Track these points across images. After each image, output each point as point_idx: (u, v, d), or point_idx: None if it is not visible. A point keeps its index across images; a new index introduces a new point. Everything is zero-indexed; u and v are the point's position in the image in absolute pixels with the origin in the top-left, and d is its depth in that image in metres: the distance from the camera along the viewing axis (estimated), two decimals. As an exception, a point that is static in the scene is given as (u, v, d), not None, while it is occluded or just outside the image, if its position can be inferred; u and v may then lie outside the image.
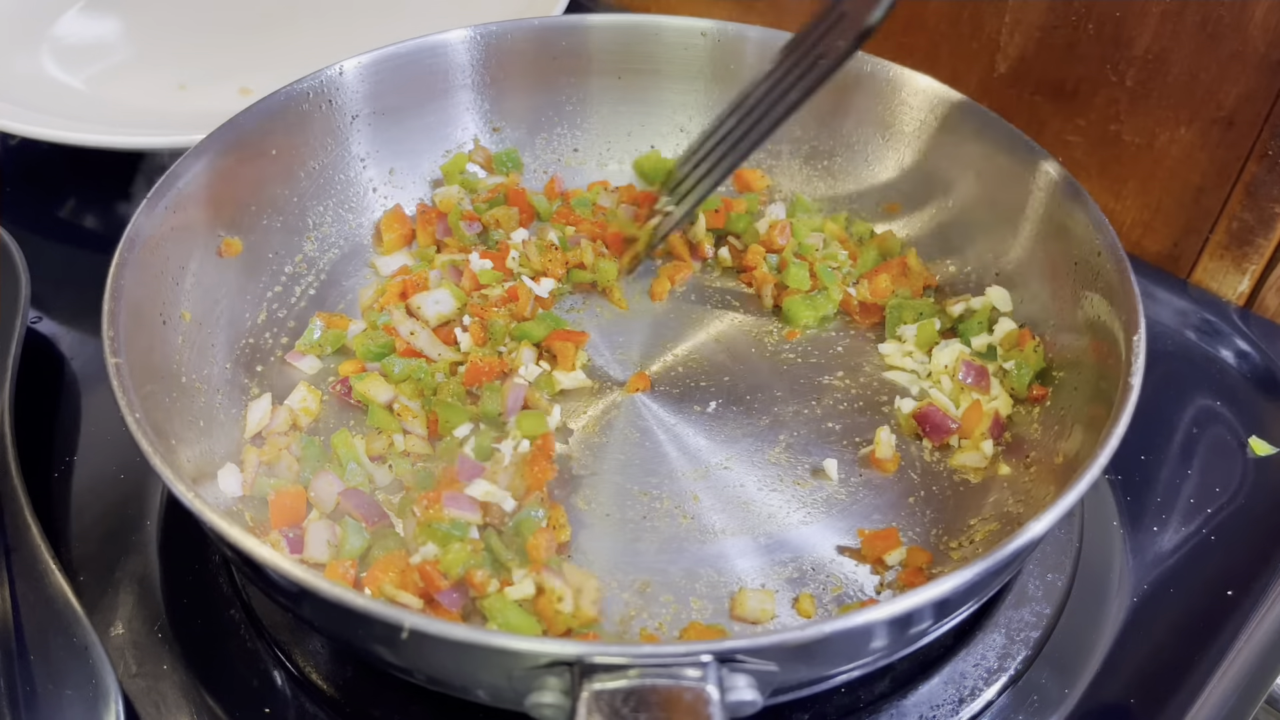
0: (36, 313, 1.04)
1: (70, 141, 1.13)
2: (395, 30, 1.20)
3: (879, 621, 0.61)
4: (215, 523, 0.65)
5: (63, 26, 1.41)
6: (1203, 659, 0.80)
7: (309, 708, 0.75)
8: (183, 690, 0.76)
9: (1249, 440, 0.95)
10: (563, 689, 0.59)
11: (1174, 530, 0.88)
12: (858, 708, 0.76)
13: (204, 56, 1.37)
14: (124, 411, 0.70)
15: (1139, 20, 1.03)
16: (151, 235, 0.84)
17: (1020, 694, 0.77)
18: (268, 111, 0.97)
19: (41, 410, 0.95)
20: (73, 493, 0.89)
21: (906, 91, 1.03)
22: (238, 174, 0.94)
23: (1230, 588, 0.84)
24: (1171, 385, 1.00)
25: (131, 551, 0.84)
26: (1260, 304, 1.09)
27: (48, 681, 0.72)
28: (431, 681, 0.69)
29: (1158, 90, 1.05)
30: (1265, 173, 1.02)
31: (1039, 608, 0.82)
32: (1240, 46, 0.98)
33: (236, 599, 0.81)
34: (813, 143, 1.10)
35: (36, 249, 1.04)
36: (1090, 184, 1.12)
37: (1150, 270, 1.13)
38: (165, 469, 0.67)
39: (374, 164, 1.06)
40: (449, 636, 0.59)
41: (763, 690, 0.59)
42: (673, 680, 0.57)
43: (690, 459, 0.88)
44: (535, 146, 1.13)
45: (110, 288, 0.78)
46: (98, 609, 0.80)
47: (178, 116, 1.26)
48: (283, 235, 0.99)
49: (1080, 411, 0.83)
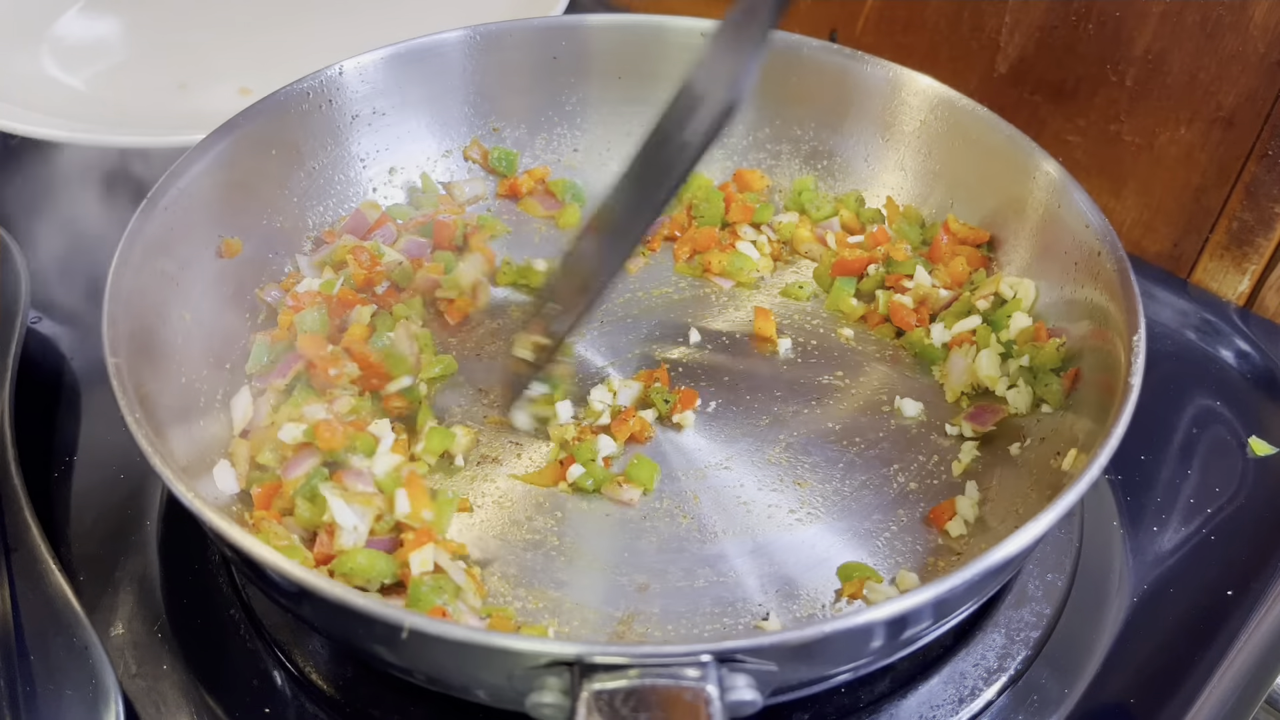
0: (36, 313, 1.04)
1: (70, 141, 1.13)
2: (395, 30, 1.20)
3: (879, 621, 0.61)
4: (215, 522, 0.65)
5: (62, 26, 1.40)
6: (1203, 659, 0.80)
7: (309, 708, 0.75)
8: (183, 690, 0.76)
9: (1249, 440, 0.95)
10: (562, 689, 0.59)
11: (1174, 530, 0.88)
12: (858, 708, 0.76)
13: (204, 56, 1.37)
14: (124, 411, 0.70)
15: (1139, 20, 1.03)
16: (151, 235, 0.84)
17: (1020, 694, 0.77)
18: (267, 111, 0.97)
19: (41, 410, 0.95)
20: (73, 493, 0.89)
21: (906, 91, 1.03)
22: (237, 174, 0.94)
23: (1230, 588, 0.84)
24: (1171, 385, 1.00)
25: (131, 551, 0.84)
26: (1260, 304, 1.09)
27: (48, 681, 0.72)
28: (431, 681, 0.69)
29: (1158, 90, 1.05)
30: (1265, 173, 1.02)
31: (1039, 608, 0.82)
32: (1240, 46, 0.98)
33: (236, 599, 0.81)
34: (813, 143, 1.10)
35: (36, 249, 1.04)
36: (1090, 184, 1.11)
37: (1150, 270, 1.13)
38: (165, 469, 0.67)
39: (374, 164, 1.06)
40: (449, 636, 0.59)
41: (763, 690, 0.59)
42: (673, 680, 0.57)
43: (690, 459, 0.88)
44: (535, 146, 1.13)
45: (110, 288, 0.78)
46: (98, 609, 0.80)
47: (178, 116, 1.25)
48: (282, 235, 0.99)
49: (1080, 411, 0.83)
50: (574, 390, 0.92)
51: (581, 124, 1.13)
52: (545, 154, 1.13)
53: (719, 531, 0.83)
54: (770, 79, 1.09)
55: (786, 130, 1.11)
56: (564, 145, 1.14)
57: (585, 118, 1.13)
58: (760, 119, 1.11)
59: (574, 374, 0.94)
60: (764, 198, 1.11)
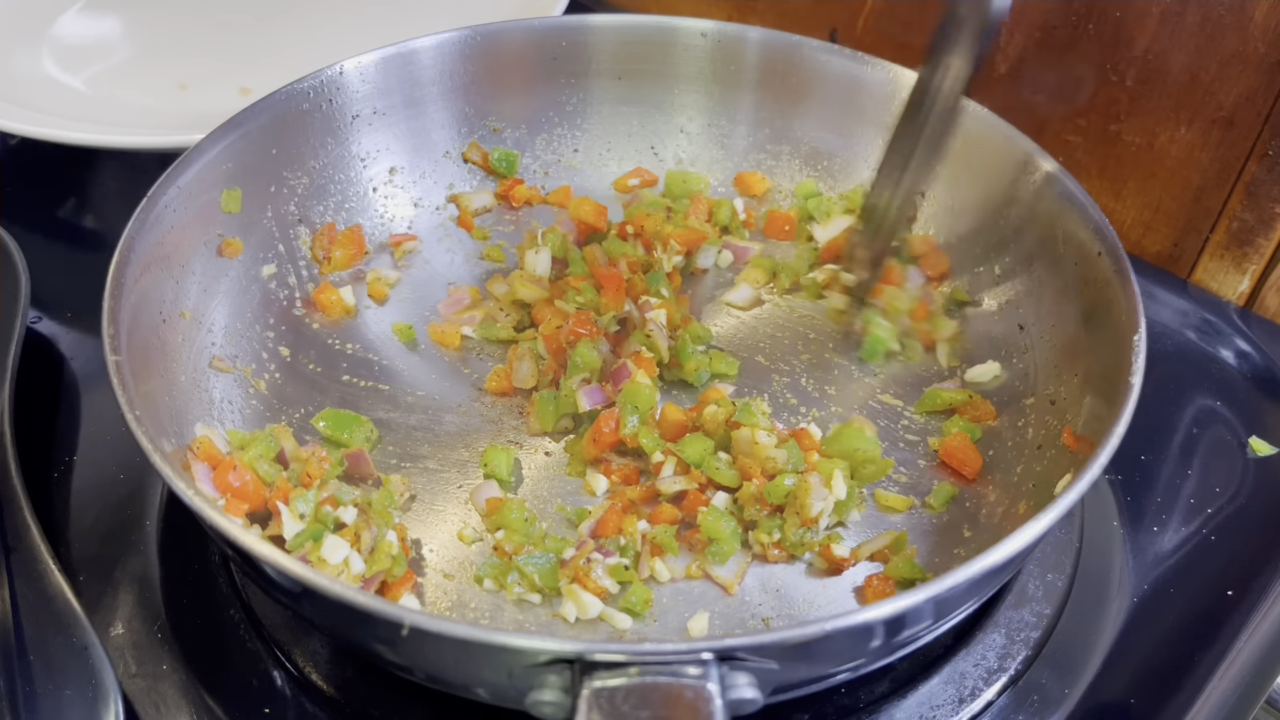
0: (36, 313, 1.04)
1: (70, 141, 1.13)
2: (395, 30, 1.20)
3: (879, 621, 0.61)
4: (215, 521, 0.65)
5: (63, 26, 1.40)
6: (1203, 659, 0.80)
7: (309, 708, 0.75)
8: (183, 690, 0.76)
9: (1249, 440, 0.95)
10: (563, 687, 0.59)
11: (1174, 530, 0.88)
12: (858, 708, 0.76)
13: (204, 56, 1.37)
14: (124, 410, 0.70)
15: (1139, 20, 1.03)
16: (151, 235, 0.84)
17: (1020, 694, 0.77)
18: (267, 111, 0.97)
19: (41, 410, 0.95)
20: (73, 493, 0.89)
21: (907, 91, 1.03)
22: (237, 174, 0.94)
23: (1230, 588, 0.84)
24: (1171, 385, 1.00)
25: (131, 551, 0.84)
26: (1260, 304, 1.09)
27: (48, 681, 0.72)
28: (431, 680, 0.69)
29: (1158, 90, 1.05)
30: (1265, 173, 1.02)
31: (1039, 608, 0.82)
32: (1240, 46, 0.98)
33: (236, 599, 0.81)
34: (813, 144, 1.10)
35: (36, 249, 1.04)
36: (1090, 184, 1.12)
37: (1150, 270, 1.13)
38: (165, 468, 0.67)
39: (374, 164, 1.06)
40: (449, 634, 0.59)
41: (763, 688, 0.59)
42: (673, 678, 0.57)
43: (690, 459, 0.88)
44: (535, 147, 1.13)
45: (110, 287, 0.78)
46: (98, 609, 0.80)
47: (178, 116, 1.25)
48: (283, 235, 0.99)
49: (1080, 411, 0.83)
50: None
51: (581, 124, 1.13)
52: (545, 154, 1.13)
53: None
54: (770, 79, 1.09)
55: (787, 131, 1.11)
56: (564, 146, 1.13)
57: (585, 118, 1.13)
58: (760, 120, 1.11)
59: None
60: (764, 201, 1.11)
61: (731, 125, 1.12)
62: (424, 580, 0.80)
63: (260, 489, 0.80)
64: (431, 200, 1.09)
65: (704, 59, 1.09)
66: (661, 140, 1.14)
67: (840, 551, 0.80)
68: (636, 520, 0.81)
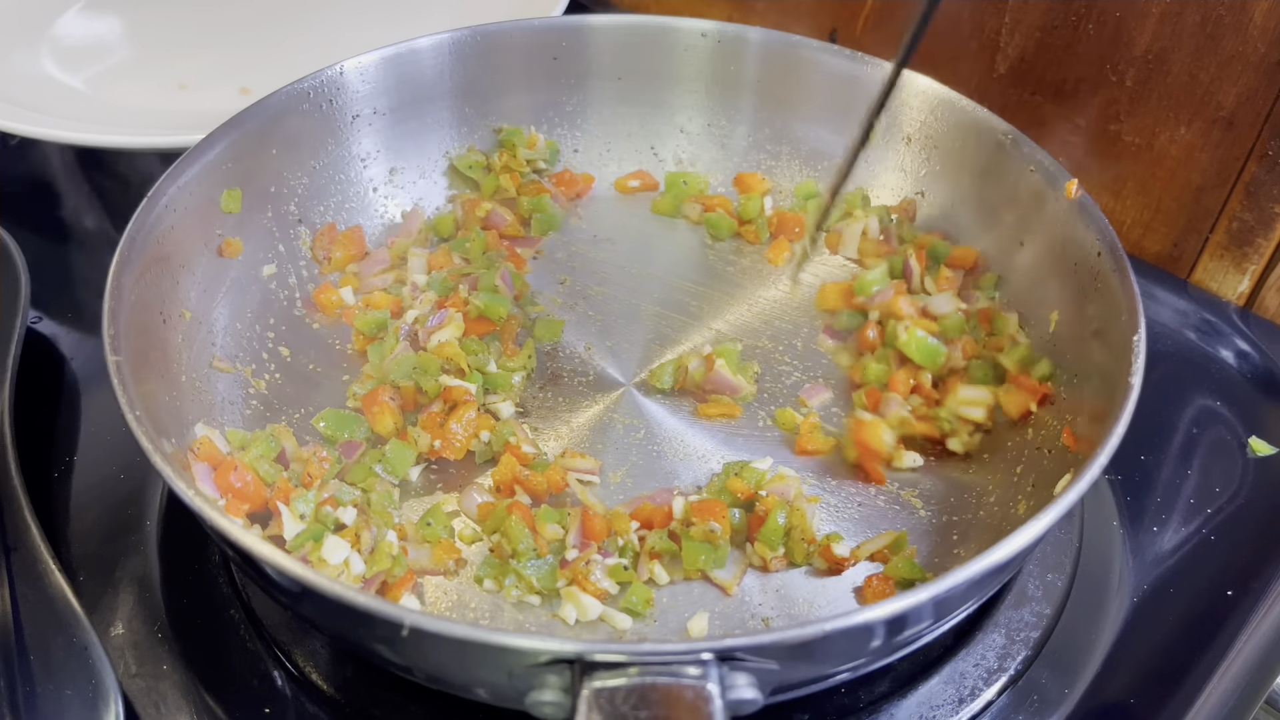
0: (36, 313, 1.04)
1: (70, 141, 1.13)
2: (395, 30, 1.20)
3: (879, 621, 0.61)
4: (216, 521, 0.65)
5: (63, 26, 1.40)
6: (1203, 659, 0.80)
7: (309, 708, 0.75)
8: (183, 690, 0.76)
9: (1249, 440, 0.95)
10: (563, 687, 0.59)
11: (1174, 530, 0.88)
12: (858, 708, 0.76)
13: (204, 56, 1.37)
14: (124, 410, 0.70)
15: (1139, 20, 1.03)
16: (151, 235, 0.84)
17: (1020, 694, 0.77)
18: (268, 111, 0.97)
19: (41, 410, 0.95)
20: (73, 493, 0.89)
21: (906, 92, 1.03)
22: (237, 174, 0.94)
23: (1230, 588, 0.84)
24: (1171, 385, 1.00)
25: (131, 551, 0.84)
26: (1260, 304, 1.09)
27: (48, 681, 0.72)
28: (431, 680, 0.69)
29: (1158, 90, 1.05)
30: (1265, 173, 1.02)
31: (1039, 608, 0.82)
32: (1240, 47, 0.98)
33: (236, 599, 0.81)
34: (813, 144, 1.10)
35: (36, 249, 1.04)
36: (1090, 184, 1.11)
37: (1150, 270, 1.13)
38: (166, 468, 0.67)
39: (374, 164, 1.06)
40: (449, 634, 0.59)
41: (763, 689, 0.59)
42: (673, 678, 0.57)
43: (690, 461, 0.89)
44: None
45: (110, 287, 0.78)
46: (98, 609, 0.80)
47: (178, 116, 1.26)
48: (283, 235, 0.99)
49: (1080, 411, 0.83)
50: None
51: (581, 124, 1.13)
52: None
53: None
54: (770, 79, 1.09)
55: (786, 131, 1.11)
56: (564, 145, 1.13)
57: (585, 118, 1.13)
58: (760, 120, 1.11)
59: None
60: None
61: (731, 125, 1.12)
62: (424, 580, 0.80)
63: (260, 489, 0.81)
64: (432, 200, 1.09)
65: (704, 59, 1.10)
66: (661, 140, 1.14)
67: (840, 551, 0.80)
68: (629, 520, 0.82)
